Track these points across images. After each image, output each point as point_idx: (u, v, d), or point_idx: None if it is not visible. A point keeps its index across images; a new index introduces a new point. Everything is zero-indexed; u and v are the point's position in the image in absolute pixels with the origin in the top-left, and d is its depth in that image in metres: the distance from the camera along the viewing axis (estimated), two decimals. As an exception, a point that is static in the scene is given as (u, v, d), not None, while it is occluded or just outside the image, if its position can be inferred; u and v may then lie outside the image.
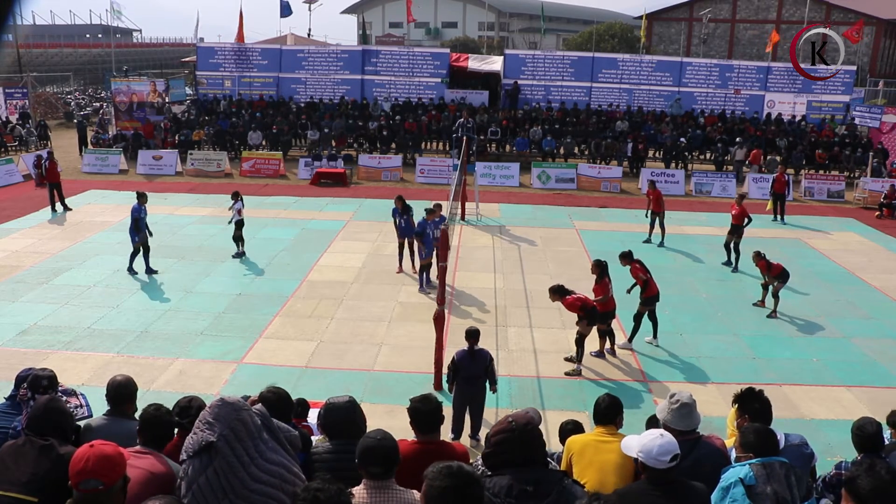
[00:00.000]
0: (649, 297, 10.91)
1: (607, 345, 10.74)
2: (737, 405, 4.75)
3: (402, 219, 14.09)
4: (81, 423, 4.22)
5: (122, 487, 2.92)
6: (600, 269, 10.41)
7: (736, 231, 15.14)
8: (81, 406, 4.61)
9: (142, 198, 13.84)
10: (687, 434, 4.34)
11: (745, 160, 24.70)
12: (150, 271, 13.87)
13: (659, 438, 3.58)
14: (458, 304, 12.73)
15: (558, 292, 10.02)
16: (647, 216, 17.02)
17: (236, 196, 15.01)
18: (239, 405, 3.13)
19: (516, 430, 3.39)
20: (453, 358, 8.11)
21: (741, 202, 15.42)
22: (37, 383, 4.77)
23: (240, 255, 15.01)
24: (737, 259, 15.18)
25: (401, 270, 14.30)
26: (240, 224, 14.91)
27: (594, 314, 10.09)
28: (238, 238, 15.00)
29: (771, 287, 12.61)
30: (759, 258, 12.63)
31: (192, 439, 3.06)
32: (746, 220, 15.10)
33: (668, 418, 4.39)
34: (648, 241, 16.96)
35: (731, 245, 15.24)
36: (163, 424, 3.79)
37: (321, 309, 12.32)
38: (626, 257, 11.15)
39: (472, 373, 7.97)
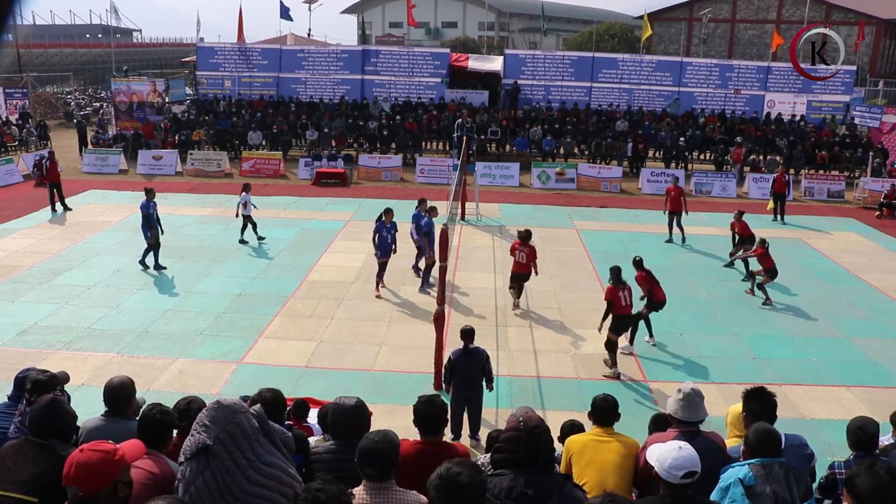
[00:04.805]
0: (657, 303, 10.98)
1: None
2: (743, 404, 4.76)
3: (391, 234, 12.94)
4: (80, 425, 4.21)
5: (113, 493, 2.88)
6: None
7: (744, 242, 14.67)
8: None
9: (149, 193, 14.02)
10: (687, 425, 4.36)
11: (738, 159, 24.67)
12: (158, 267, 13.98)
13: (676, 451, 3.38)
14: (459, 304, 12.73)
15: (615, 274, 10.15)
16: (664, 214, 17.07)
17: (248, 187, 16.07)
18: (235, 407, 3.11)
19: (524, 430, 3.34)
20: (449, 357, 8.09)
21: (741, 217, 15.00)
22: (36, 384, 4.77)
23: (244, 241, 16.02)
24: (731, 264, 15.23)
25: (379, 295, 12.98)
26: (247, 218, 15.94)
27: (623, 322, 10.16)
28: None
29: (757, 277, 13.22)
30: (762, 244, 13.09)
31: (189, 442, 3.05)
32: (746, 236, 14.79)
33: (671, 407, 4.46)
34: (670, 240, 16.98)
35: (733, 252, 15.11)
36: (162, 425, 3.78)
37: (321, 309, 12.32)
38: (637, 265, 11.12)
39: (468, 372, 7.96)
